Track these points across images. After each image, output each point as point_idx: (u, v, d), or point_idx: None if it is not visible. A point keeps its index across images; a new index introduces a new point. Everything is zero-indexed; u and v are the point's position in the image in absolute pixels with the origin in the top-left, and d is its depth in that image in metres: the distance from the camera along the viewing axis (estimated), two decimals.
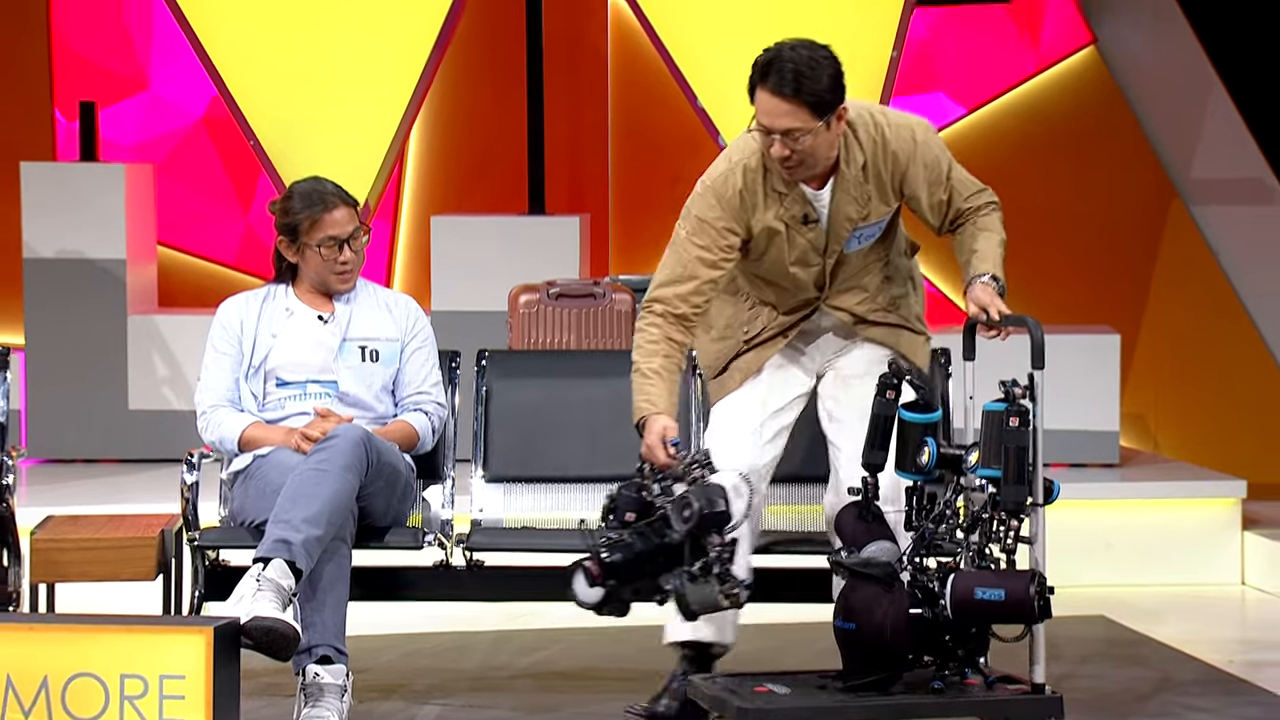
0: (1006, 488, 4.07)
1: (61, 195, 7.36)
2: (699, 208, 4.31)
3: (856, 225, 4.34)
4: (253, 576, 4.31)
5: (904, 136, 4.34)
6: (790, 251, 4.34)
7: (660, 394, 4.23)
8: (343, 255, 4.80)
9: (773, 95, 4.17)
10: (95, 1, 8.14)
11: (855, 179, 4.30)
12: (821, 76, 4.18)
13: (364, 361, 4.83)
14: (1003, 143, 8.12)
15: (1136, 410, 7.82)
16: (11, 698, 4.15)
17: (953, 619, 4.05)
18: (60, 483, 6.87)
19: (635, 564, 4.02)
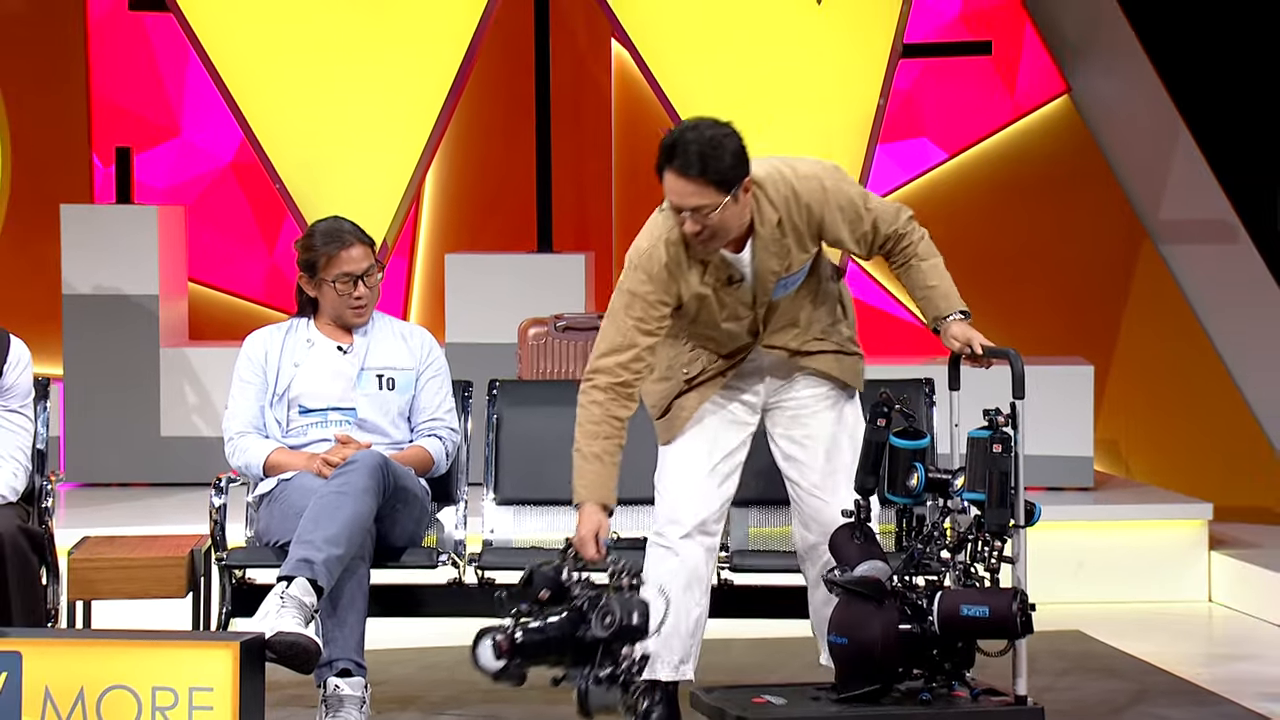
0: (990, 510, 4.07)
1: (98, 235, 7.36)
2: (630, 283, 4.25)
3: (780, 276, 4.29)
4: (277, 594, 4.31)
5: (813, 187, 4.26)
6: (721, 311, 4.30)
7: (599, 481, 4.17)
8: (357, 291, 4.80)
9: (679, 176, 4.12)
10: (131, 54, 8.16)
11: (772, 236, 4.24)
12: (724, 155, 4.11)
13: (381, 390, 4.83)
14: (982, 186, 8.13)
15: (1109, 437, 7.80)
16: (50, 709, 4.14)
17: (940, 634, 4.04)
18: (96, 505, 6.85)
19: (543, 649, 4.01)
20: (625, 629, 3.94)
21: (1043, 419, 6.70)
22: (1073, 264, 8.09)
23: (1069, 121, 8.11)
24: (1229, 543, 6.71)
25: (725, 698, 4.09)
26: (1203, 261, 7.91)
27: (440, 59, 7.47)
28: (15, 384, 4.68)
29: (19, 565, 4.48)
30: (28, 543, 4.52)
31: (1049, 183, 8.08)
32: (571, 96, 8.02)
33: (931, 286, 4.33)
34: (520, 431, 5.07)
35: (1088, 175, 8.06)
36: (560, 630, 4.00)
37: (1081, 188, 8.06)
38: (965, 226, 8.17)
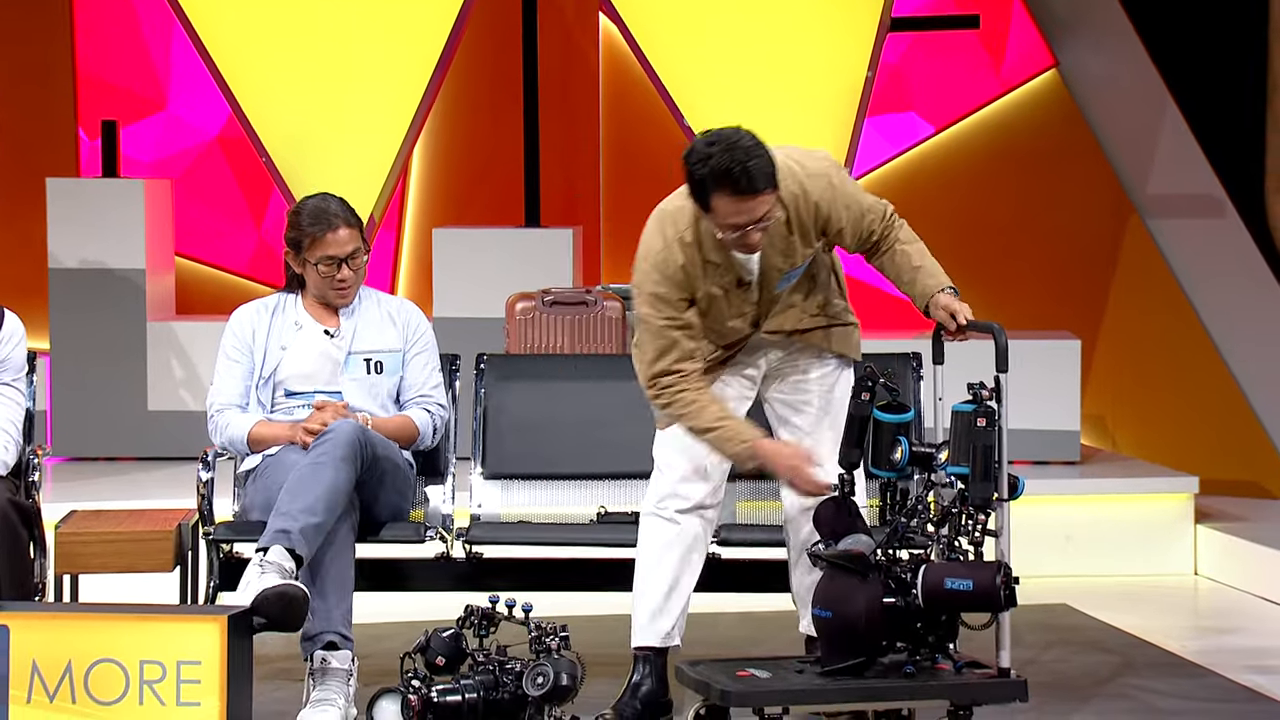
0: (974, 484, 4.08)
1: (84, 209, 7.34)
2: (650, 285, 4.27)
3: (785, 272, 4.33)
4: (255, 563, 4.31)
5: (822, 185, 4.30)
6: (729, 309, 4.34)
7: (746, 426, 4.23)
8: (341, 273, 4.77)
9: (744, 197, 4.11)
10: (117, 27, 8.13)
11: (780, 234, 4.27)
12: (766, 158, 4.13)
13: (369, 374, 4.81)
14: (970, 160, 8.12)
15: (1096, 411, 7.82)
16: (37, 682, 4.14)
17: (924, 608, 4.05)
18: (83, 479, 6.85)
19: (459, 712, 4.08)
20: (557, 689, 4.04)
21: (1029, 393, 6.73)
22: (1060, 238, 8.10)
23: (1056, 96, 8.10)
24: (1215, 516, 6.73)
25: (710, 671, 4.10)
26: (1190, 236, 7.92)
27: (427, 32, 7.44)
28: (9, 357, 4.67)
29: (9, 539, 4.48)
30: (18, 516, 4.52)
31: (1036, 157, 8.08)
32: (559, 70, 8.01)
33: (917, 267, 4.35)
34: (508, 406, 5.07)
35: (1075, 150, 8.06)
36: (476, 693, 4.06)
37: (1069, 162, 8.06)
38: (952, 200, 8.17)
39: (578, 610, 5.15)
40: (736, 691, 3.98)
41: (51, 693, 4.13)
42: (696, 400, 4.25)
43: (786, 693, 4.03)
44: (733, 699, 3.99)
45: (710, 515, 4.44)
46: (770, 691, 4.01)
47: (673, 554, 4.39)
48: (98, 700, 4.12)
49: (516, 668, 4.13)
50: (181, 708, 4.13)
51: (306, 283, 4.85)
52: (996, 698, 4.10)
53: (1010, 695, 4.11)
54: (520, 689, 4.10)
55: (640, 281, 4.30)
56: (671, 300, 4.27)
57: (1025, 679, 4.12)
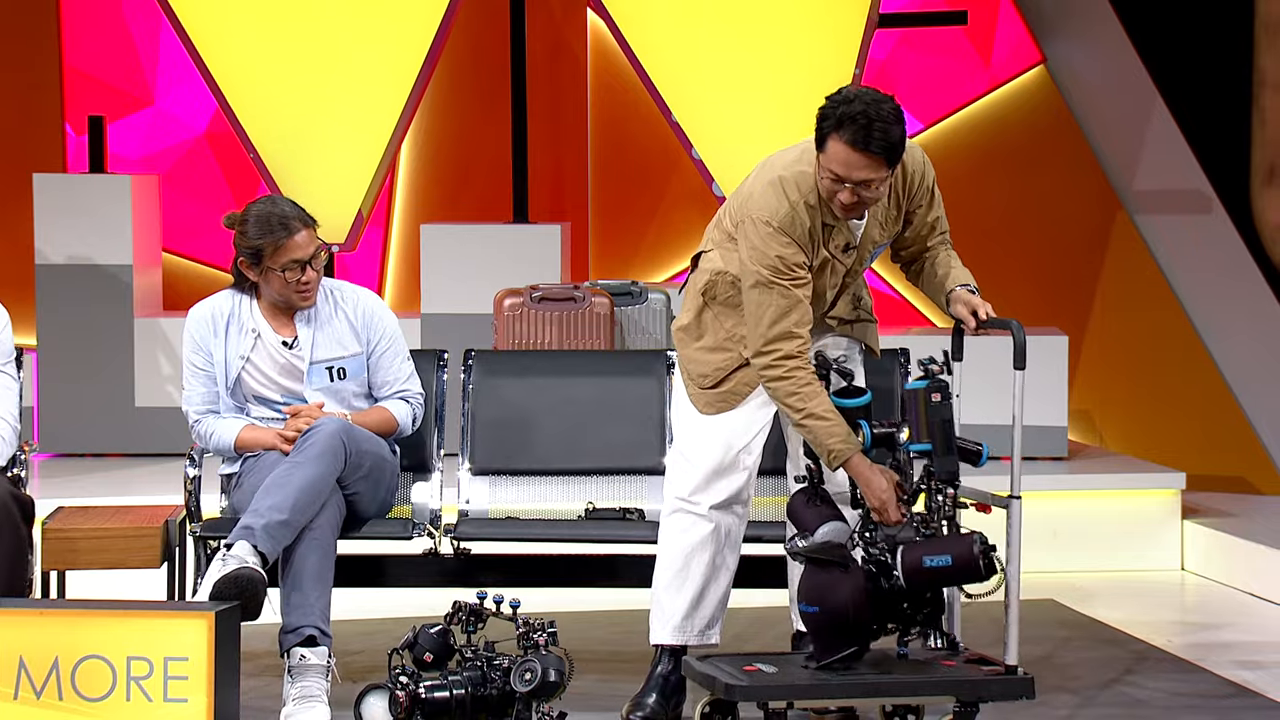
0: (938, 459, 4.09)
1: (71, 205, 7.33)
2: (775, 249, 4.21)
3: (878, 244, 4.39)
4: (219, 558, 4.32)
5: (917, 157, 4.37)
6: (832, 277, 4.36)
7: (848, 433, 4.16)
8: (305, 276, 4.69)
9: (854, 150, 4.11)
10: (104, 22, 8.11)
11: (883, 205, 4.31)
12: (896, 131, 4.14)
13: (333, 381, 4.78)
14: (958, 156, 8.13)
15: (1083, 407, 7.83)
16: (24, 678, 4.13)
17: (906, 588, 4.05)
18: (70, 475, 6.84)
19: (446, 708, 4.09)
20: (545, 685, 4.05)
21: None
22: (1047, 234, 8.11)
23: (1044, 92, 8.11)
24: (1202, 512, 6.75)
25: (716, 666, 4.10)
26: (1177, 232, 7.93)
27: (415, 28, 7.44)
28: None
29: (10, 533, 4.46)
30: (19, 511, 4.50)
31: (1024, 153, 8.09)
32: (547, 66, 8.00)
33: (950, 269, 4.42)
34: (496, 401, 5.07)
35: (1063, 146, 8.07)
36: (464, 689, 4.06)
37: (1056, 159, 8.07)
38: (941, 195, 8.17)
39: (565, 606, 5.15)
40: (742, 686, 3.99)
41: (38, 689, 4.13)
42: (812, 383, 4.17)
43: (791, 687, 4.03)
44: (738, 693, 3.99)
45: (743, 511, 4.40)
46: (775, 686, 4.01)
47: (705, 555, 4.36)
48: (85, 697, 4.12)
49: (504, 664, 4.13)
50: (169, 704, 4.12)
51: (263, 289, 4.75)
52: (1003, 694, 4.11)
53: (1017, 692, 4.11)
54: (508, 685, 4.10)
55: (763, 243, 4.20)
56: (797, 261, 4.23)
57: (1032, 676, 4.12)
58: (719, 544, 4.36)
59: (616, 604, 5.26)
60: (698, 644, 4.37)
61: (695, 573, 4.37)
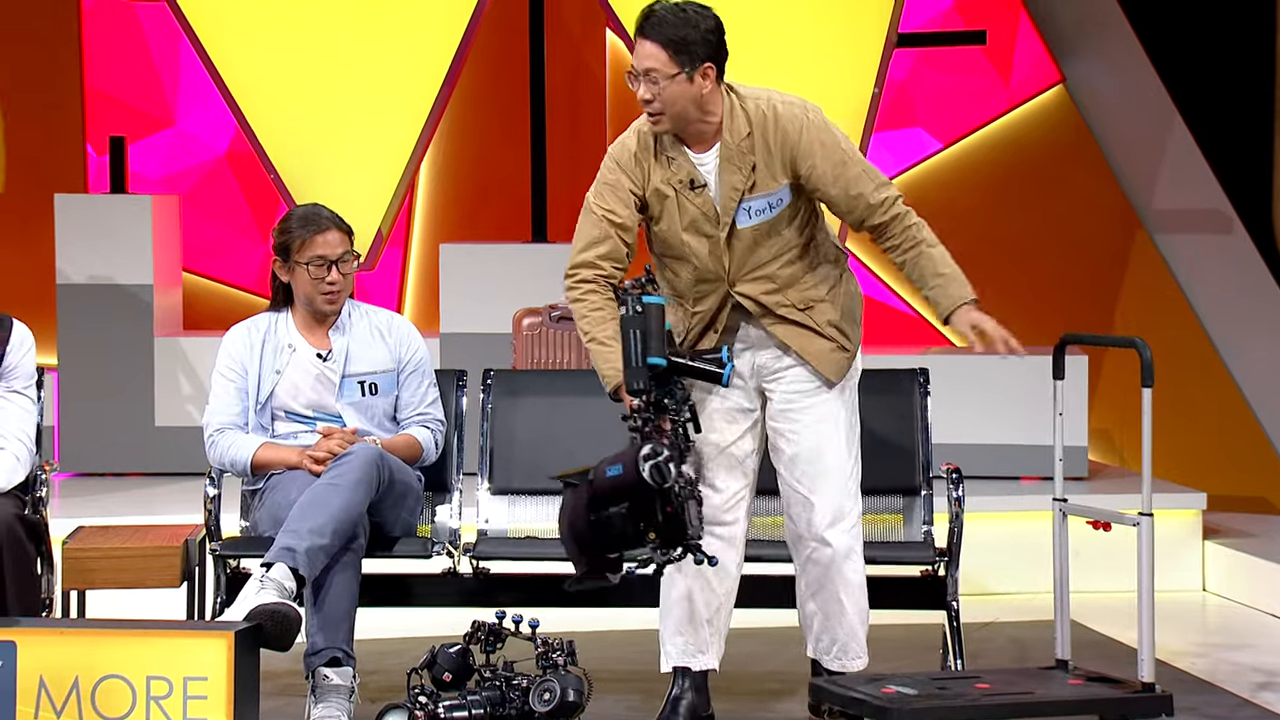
0: (626, 370, 4.05)
1: (92, 225, 7.35)
2: (602, 174, 4.32)
3: (743, 195, 4.23)
4: (256, 578, 4.31)
5: (795, 113, 4.25)
6: (681, 217, 4.27)
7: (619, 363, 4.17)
8: (330, 276, 4.75)
9: (642, 38, 4.19)
10: (125, 43, 8.14)
11: (739, 147, 4.22)
12: (690, 29, 4.17)
13: (364, 396, 4.80)
14: (978, 175, 8.12)
15: (1103, 426, 7.81)
16: (44, 698, 4.13)
17: (597, 500, 3.94)
18: (90, 495, 6.85)
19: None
20: (564, 705, 4.06)
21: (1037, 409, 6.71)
22: (1067, 253, 8.09)
23: (1064, 111, 8.11)
24: (1223, 532, 6.72)
25: (854, 687, 4.11)
26: (1197, 250, 7.92)
27: (435, 48, 7.46)
28: (18, 365, 4.68)
29: (15, 554, 4.48)
30: (24, 531, 4.52)
31: (1044, 172, 8.09)
32: (566, 86, 8.02)
33: (943, 274, 4.29)
34: (515, 421, 5.07)
35: (1082, 165, 8.06)
36: (483, 709, 4.06)
37: (1076, 178, 8.06)
38: (960, 216, 8.16)
39: (584, 626, 5.14)
40: (898, 710, 3.99)
41: (59, 709, 4.13)
42: (603, 310, 4.22)
43: (945, 709, 4.05)
44: (895, 716, 3.99)
45: (725, 534, 4.35)
46: (931, 709, 4.02)
47: (679, 584, 4.35)
48: (105, 716, 4.12)
49: (523, 683, 4.13)
50: None
51: (295, 293, 4.82)
52: (1145, 712, 4.14)
53: (1158, 710, 4.15)
54: (527, 705, 4.09)
55: (600, 173, 4.32)
56: (619, 189, 4.26)
57: (1171, 694, 4.13)
58: (688, 572, 4.32)
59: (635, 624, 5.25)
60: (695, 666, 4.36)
61: (672, 600, 4.38)
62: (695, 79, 4.17)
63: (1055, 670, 4.39)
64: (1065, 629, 4.47)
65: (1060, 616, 4.49)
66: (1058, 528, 4.51)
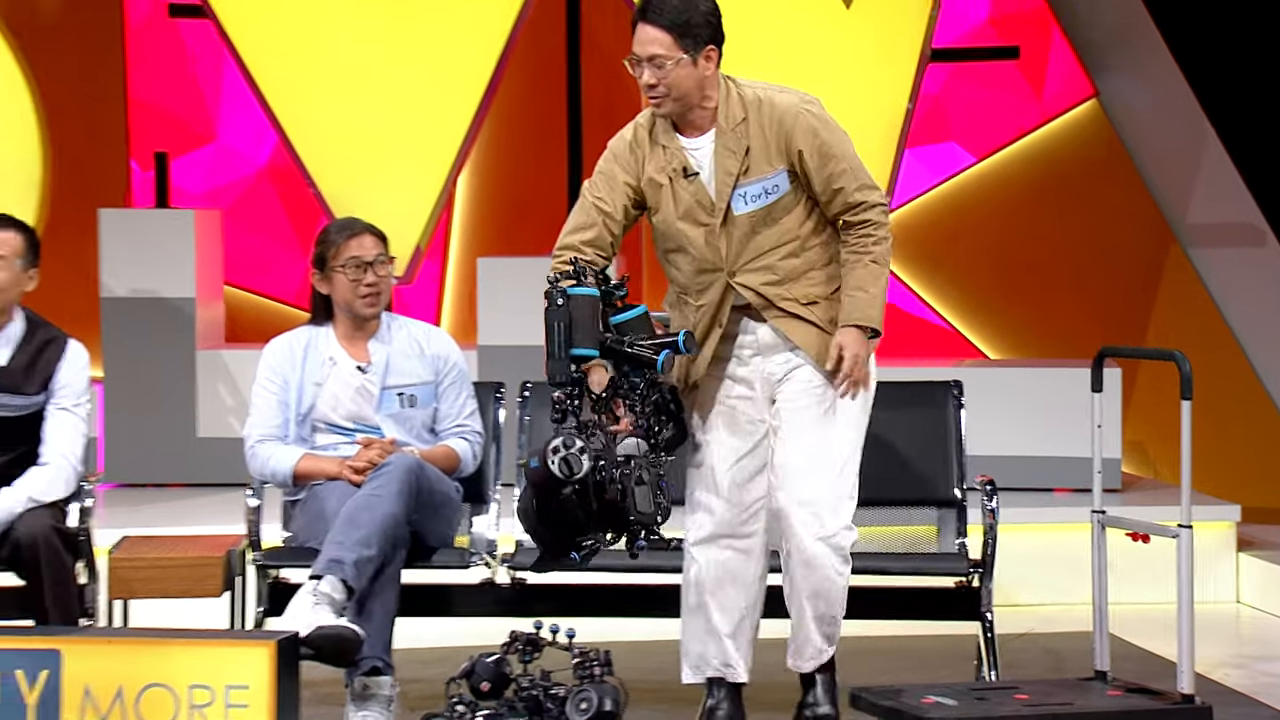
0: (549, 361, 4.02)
1: (136, 239, 7.39)
2: (600, 164, 4.32)
3: (737, 180, 4.20)
4: (308, 591, 4.32)
5: (790, 101, 4.23)
6: (677, 206, 4.24)
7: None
8: (367, 278, 4.78)
9: (644, 24, 4.17)
10: (168, 59, 8.20)
11: (733, 133, 4.20)
12: (692, 12, 4.16)
13: (403, 408, 4.82)
14: (1011, 189, 8.11)
15: (1137, 439, 7.77)
16: (89, 707, 4.16)
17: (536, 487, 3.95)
18: (134, 505, 6.88)
19: None
20: (601, 715, 4.04)
21: (1070, 421, 6.70)
22: (1100, 267, 8.07)
23: (1096, 125, 8.09)
24: (1257, 544, 6.68)
25: (893, 698, 4.11)
26: (1230, 264, 7.88)
27: (474, 64, 7.49)
28: (69, 383, 4.71)
29: (53, 565, 4.51)
30: (62, 543, 4.54)
31: (1077, 186, 8.06)
32: (602, 101, 8.03)
33: (863, 290, 4.21)
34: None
35: (1115, 178, 8.04)
36: (520, 718, 4.09)
37: (1109, 191, 8.04)
38: (993, 229, 8.16)
39: (621, 636, 5.14)
40: (940, 719, 4.00)
41: (103, 716, 4.15)
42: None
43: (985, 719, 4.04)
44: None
45: (743, 545, 4.32)
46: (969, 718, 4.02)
47: (696, 592, 4.35)
48: None
49: (560, 693, 4.13)
50: None
51: (334, 303, 4.84)
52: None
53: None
54: (564, 714, 4.10)
55: (598, 163, 4.33)
56: (613, 179, 4.27)
57: (1210, 705, 4.13)
58: (711, 581, 4.32)
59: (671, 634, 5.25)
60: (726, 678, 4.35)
61: (689, 611, 4.37)
62: (699, 61, 4.17)
63: (1094, 681, 4.38)
64: (1104, 640, 4.45)
65: (1099, 628, 4.48)
66: (1096, 539, 4.49)
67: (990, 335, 8.27)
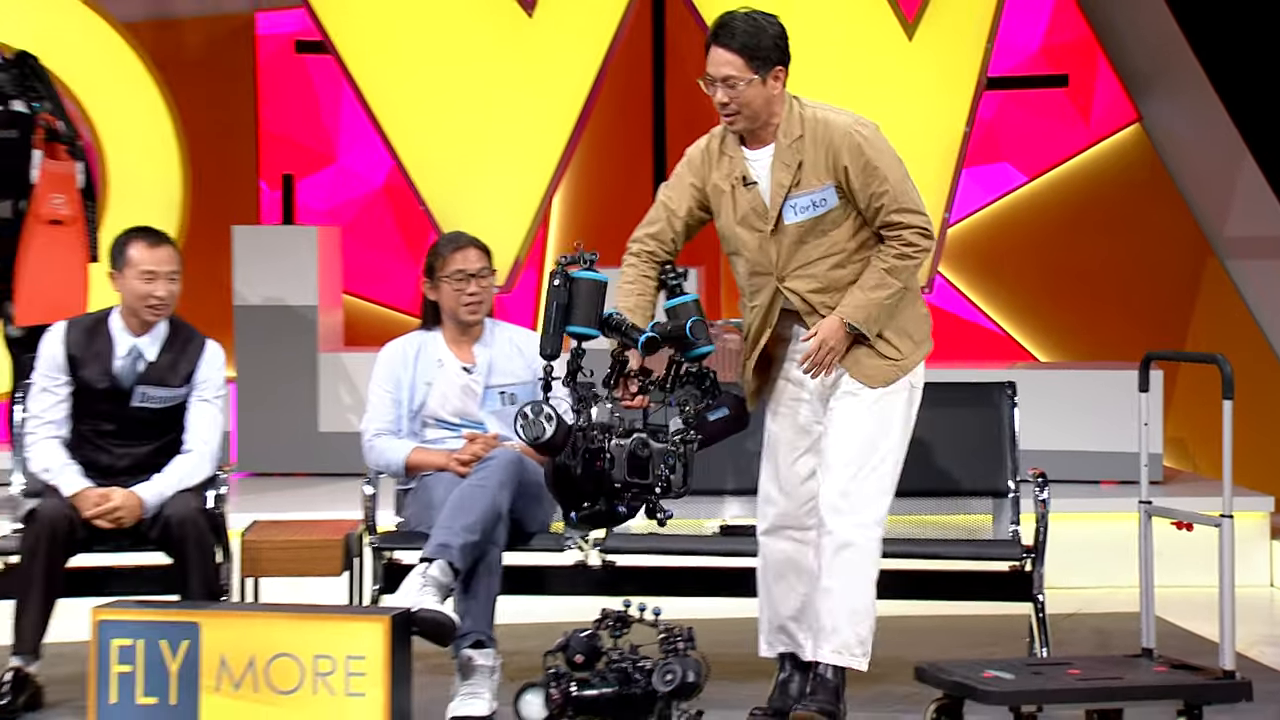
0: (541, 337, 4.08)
1: (265, 253, 7.45)
2: (676, 168, 4.33)
3: (789, 191, 4.15)
4: (418, 574, 4.34)
5: (845, 120, 4.15)
6: (735, 211, 4.22)
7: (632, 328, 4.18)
8: (470, 288, 4.80)
9: (718, 47, 4.15)
10: (295, 91, 8.27)
11: (790, 147, 4.16)
12: (762, 35, 4.13)
13: (504, 405, 4.84)
14: (1060, 206, 8.04)
15: (1178, 435, 7.68)
16: (224, 674, 4.20)
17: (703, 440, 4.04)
18: (263, 493, 6.94)
19: (594, 705, 4.09)
20: (685, 686, 4.03)
21: (1117, 419, 6.63)
22: (1143, 277, 7.98)
23: (1139, 147, 8.00)
24: None
25: (957, 672, 4.09)
26: (1265, 275, 7.77)
27: (568, 93, 7.50)
28: (209, 378, 4.76)
29: (199, 544, 4.55)
30: (206, 523, 4.59)
31: (1121, 203, 7.98)
32: (685, 119, 8.03)
33: (863, 289, 4.13)
34: None
35: (1157, 196, 7.95)
36: (611, 688, 4.06)
37: (1151, 208, 7.95)
38: (1043, 243, 8.09)
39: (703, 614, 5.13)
40: (998, 692, 3.98)
41: (237, 682, 4.19)
42: (634, 283, 4.29)
43: (1040, 692, 4.02)
44: (996, 698, 3.98)
45: (803, 536, 4.26)
46: (1028, 691, 4.00)
47: (764, 577, 4.35)
48: (277, 690, 4.18)
49: (647, 666, 4.13)
50: (350, 698, 4.17)
51: (441, 309, 4.87)
52: (1227, 698, 4.10)
53: (1238, 695, 4.11)
54: (650, 685, 4.09)
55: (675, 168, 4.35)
56: (681, 181, 4.28)
57: (1250, 680, 4.10)
58: (774, 571, 4.31)
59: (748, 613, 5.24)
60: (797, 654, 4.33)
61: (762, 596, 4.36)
62: (768, 81, 4.15)
63: (1141, 658, 4.33)
64: (1150, 620, 4.40)
65: (1145, 609, 4.43)
66: (1143, 527, 4.44)
67: (1041, 340, 8.20)
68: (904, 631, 5.19)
